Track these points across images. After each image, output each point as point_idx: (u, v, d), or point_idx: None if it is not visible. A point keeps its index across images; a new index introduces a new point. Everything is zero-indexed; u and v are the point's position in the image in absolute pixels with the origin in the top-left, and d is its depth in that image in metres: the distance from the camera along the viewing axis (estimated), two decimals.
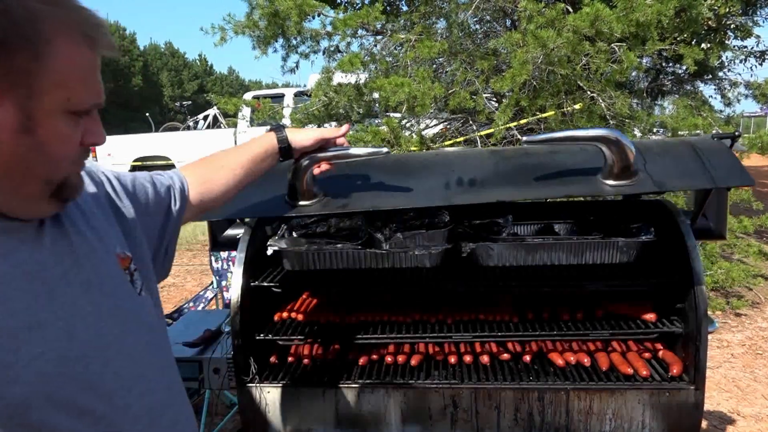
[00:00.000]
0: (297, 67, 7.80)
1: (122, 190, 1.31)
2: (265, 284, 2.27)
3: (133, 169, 11.85)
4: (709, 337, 5.37)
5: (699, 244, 6.27)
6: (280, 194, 1.96)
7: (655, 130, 6.94)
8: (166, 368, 1.25)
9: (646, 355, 2.20)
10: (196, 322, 2.87)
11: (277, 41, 7.68)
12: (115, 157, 12.47)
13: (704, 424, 4.01)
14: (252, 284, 2.26)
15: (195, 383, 2.48)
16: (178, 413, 1.25)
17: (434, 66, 7.44)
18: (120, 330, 1.11)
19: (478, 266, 2.33)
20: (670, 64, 7.91)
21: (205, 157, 1.60)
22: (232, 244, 2.40)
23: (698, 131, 5.90)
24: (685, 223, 2.11)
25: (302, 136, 1.71)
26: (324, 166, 1.82)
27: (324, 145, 1.77)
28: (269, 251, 2.37)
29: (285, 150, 1.68)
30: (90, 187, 1.21)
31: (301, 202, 1.94)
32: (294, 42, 7.72)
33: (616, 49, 6.20)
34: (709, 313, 1.99)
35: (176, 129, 12.81)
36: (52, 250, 1.05)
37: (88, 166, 1.21)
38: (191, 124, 14.39)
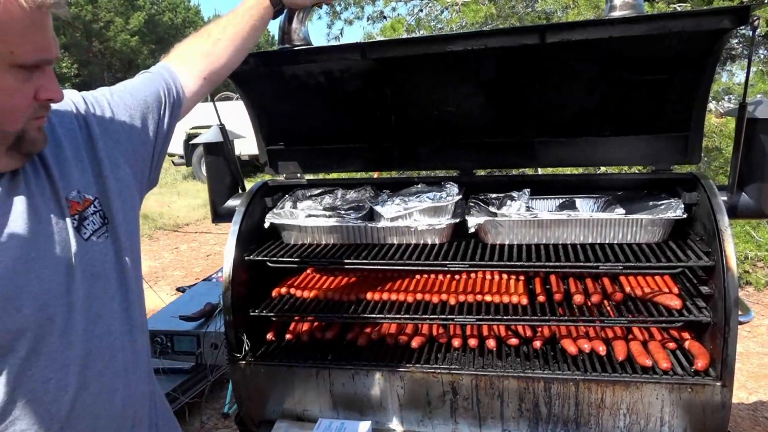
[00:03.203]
0: (341, 34, 7.66)
1: (99, 120, 1.29)
2: (259, 258, 2.17)
3: (189, 138, 12.00)
4: None
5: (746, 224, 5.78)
6: None
7: (720, 99, 6.44)
8: (116, 314, 1.24)
9: (671, 345, 1.99)
10: (203, 294, 2.81)
11: (321, 8, 7.54)
12: None
13: (755, 417, 3.72)
14: (246, 258, 2.17)
15: (192, 357, 2.43)
16: (116, 361, 1.23)
17: None
18: (61, 278, 1.12)
19: (486, 244, 2.15)
20: (741, 26, 7.30)
21: (200, 31, 1.58)
22: (232, 215, 2.31)
23: None
24: (717, 199, 1.86)
25: None
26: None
27: None
28: (266, 224, 2.27)
29: (278, 11, 1.72)
30: (60, 127, 1.22)
31: (295, 43, 1.96)
32: (338, 8, 7.55)
33: (679, 9, 5.75)
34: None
35: (230, 99, 12.90)
36: (1, 204, 1.08)
37: (63, 103, 1.23)
38: None
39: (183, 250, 8.11)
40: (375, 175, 4.69)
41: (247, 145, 9.59)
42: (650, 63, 1.96)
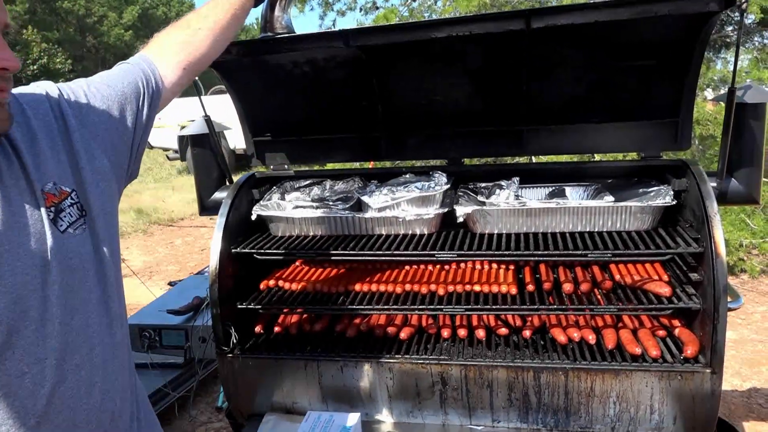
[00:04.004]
0: (334, 25, 7.61)
1: (76, 111, 1.26)
2: (246, 251, 2.15)
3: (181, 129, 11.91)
4: (765, 308, 4.95)
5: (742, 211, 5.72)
6: None
7: (715, 87, 6.40)
8: (94, 307, 1.22)
9: (661, 333, 1.97)
10: (192, 288, 2.79)
11: None
12: (162, 119, 12.50)
13: (749, 404, 3.72)
14: (233, 250, 2.15)
15: (181, 352, 2.41)
16: (94, 355, 1.21)
17: None
18: (36, 271, 1.10)
19: (475, 233, 2.13)
20: (735, 13, 7.27)
21: (181, 21, 1.55)
22: (219, 207, 2.28)
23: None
24: (706, 185, 1.85)
25: None
26: None
27: None
28: (253, 216, 2.25)
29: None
30: (35, 119, 1.20)
31: (277, 31, 1.94)
32: None
33: None
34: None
35: (224, 92, 12.88)
36: None
37: (38, 92, 1.21)
38: None
39: (178, 244, 8.08)
40: (370, 165, 4.68)
41: (241, 139, 9.54)
42: (638, 48, 1.94)
